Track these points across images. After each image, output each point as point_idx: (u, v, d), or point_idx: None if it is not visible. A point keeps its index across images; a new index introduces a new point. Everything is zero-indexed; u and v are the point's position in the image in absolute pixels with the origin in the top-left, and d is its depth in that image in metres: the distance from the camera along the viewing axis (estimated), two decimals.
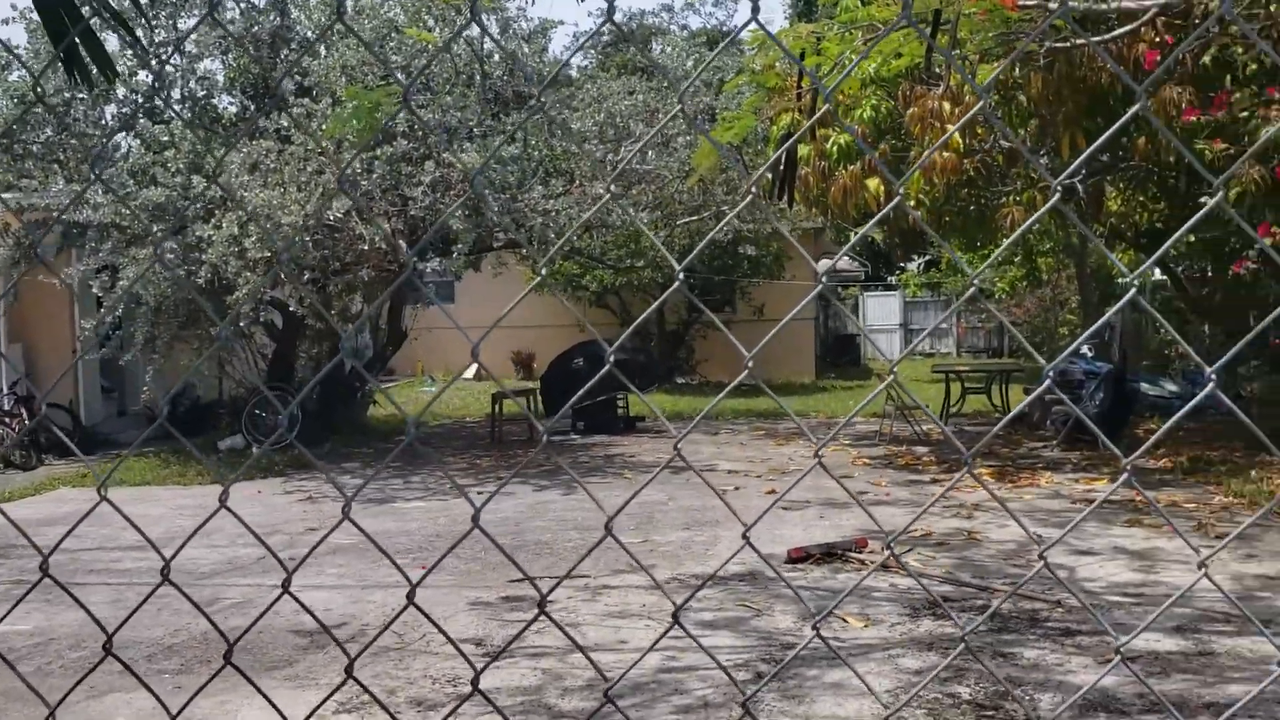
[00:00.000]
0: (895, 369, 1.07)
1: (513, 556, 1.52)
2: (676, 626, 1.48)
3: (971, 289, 1.17)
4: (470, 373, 24.89)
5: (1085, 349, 17.14)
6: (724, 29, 30.40)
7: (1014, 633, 5.82)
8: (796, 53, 7.11)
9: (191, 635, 6.10)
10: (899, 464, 12.35)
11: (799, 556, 7.43)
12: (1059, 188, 0.95)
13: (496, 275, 16.40)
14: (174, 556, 1.56)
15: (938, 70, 9.09)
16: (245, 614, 6.47)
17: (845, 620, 6.08)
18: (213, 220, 11.54)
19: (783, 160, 7.21)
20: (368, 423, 16.38)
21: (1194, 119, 7.95)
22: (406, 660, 5.58)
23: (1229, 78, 8.35)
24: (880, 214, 1.96)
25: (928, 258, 27.19)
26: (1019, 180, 10.90)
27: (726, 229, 16.40)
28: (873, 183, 9.26)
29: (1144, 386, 15.83)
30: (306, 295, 11.40)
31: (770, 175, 7.53)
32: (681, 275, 1.12)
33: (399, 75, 11.52)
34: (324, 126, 10.33)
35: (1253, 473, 10.04)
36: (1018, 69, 9.11)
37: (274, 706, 1.55)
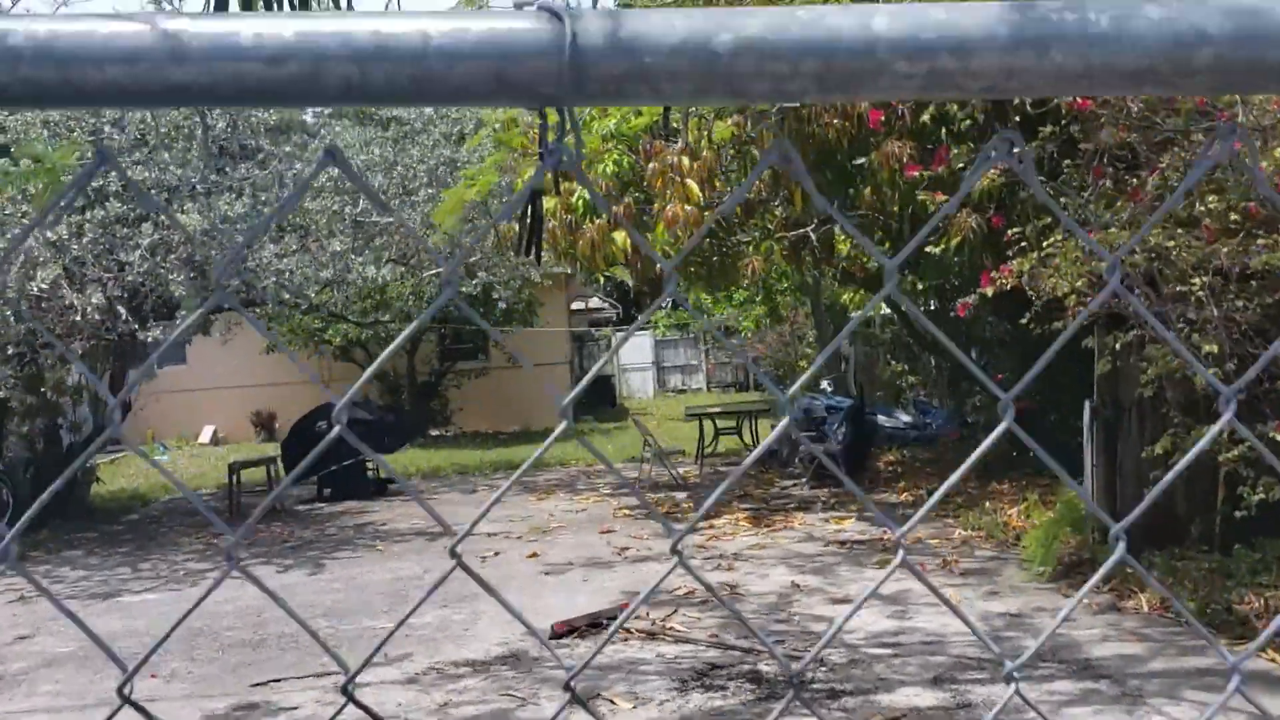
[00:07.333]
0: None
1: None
2: None
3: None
4: (206, 436, 23.43)
5: (825, 384, 17.82)
6: None
7: (780, 698, 5.78)
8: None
9: None
10: (660, 512, 12.35)
11: (563, 631, 7.20)
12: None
13: (226, 342, 15.48)
14: None
15: (676, 127, 9.27)
16: None
17: (613, 701, 5.88)
18: None
19: (528, 215, 7.08)
20: (93, 503, 15.01)
21: (916, 173, 8.34)
22: None
23: (945, 132, 8.84)
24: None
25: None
26: (757, 231, 11.30)
27: (477, 281, 16.13)
28: (619, 235, 9.37)
29: (881, 419, 16.60)
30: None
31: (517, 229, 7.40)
32: (337, 417, 0.88)
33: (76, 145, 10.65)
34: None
35: (986, 504, 10.56)
36: (750, 125, 9.38)
37: None
